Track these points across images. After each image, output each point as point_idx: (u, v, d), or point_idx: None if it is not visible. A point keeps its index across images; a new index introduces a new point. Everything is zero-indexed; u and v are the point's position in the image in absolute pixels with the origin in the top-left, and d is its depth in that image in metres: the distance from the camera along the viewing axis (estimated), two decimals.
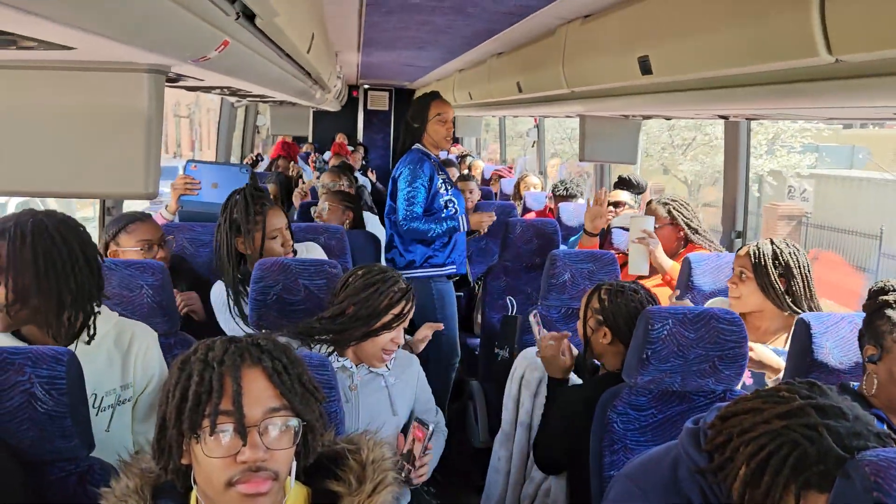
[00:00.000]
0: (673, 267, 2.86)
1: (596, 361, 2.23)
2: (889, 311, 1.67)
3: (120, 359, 1.68)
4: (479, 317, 3.79)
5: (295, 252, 2.56)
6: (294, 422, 1.13)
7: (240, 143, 6.26)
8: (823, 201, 14.02)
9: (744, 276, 2.25)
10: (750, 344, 2.10)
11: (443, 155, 7.63)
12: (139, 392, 1.71)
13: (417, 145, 3.46)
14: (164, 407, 1.13)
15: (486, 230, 3.59)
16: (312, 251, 2.68)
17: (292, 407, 1.13)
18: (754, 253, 2.22)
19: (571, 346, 2.23)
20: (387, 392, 1.95)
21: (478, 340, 3.77)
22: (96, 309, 1.63)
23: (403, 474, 1.79)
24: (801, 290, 2.20)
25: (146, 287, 2.03)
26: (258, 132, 6.71)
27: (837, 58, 1.30)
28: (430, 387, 3.39)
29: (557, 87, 3.12)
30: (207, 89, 2.40)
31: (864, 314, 1.77)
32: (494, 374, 3.29)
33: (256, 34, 1.40)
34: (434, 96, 3.50)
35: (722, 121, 2.73)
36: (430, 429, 1.77)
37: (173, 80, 1.64)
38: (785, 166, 14.43)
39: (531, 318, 2.46)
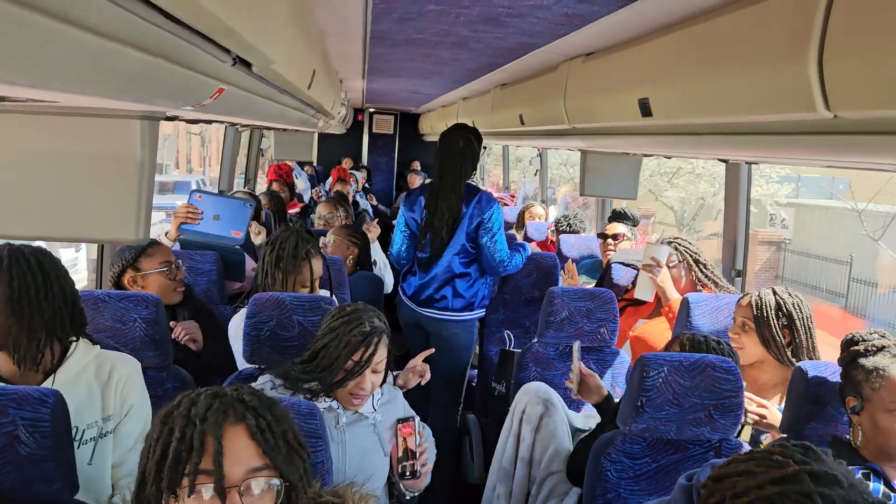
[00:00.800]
0: (676, 300, 2.82)
1: None
2: (862, 360, 1.69)
3: (100, 391, 1.68)
4: (477, 348, 3.77)
5: None
6: (276, 481, 1.10)
7: (244, 166, 6.27)
8: (802, 229, 14.81)
9: (746, 326, 2.20)
10: (763, 402, 2.06)
11: None
12: (119, 422, 1.70)
13: (472, 182, 3.39)
14: (145, 461, 1.11)
15: None
16: None
17: (275, 466, 1.11)
18: (756, 303, 2.18)
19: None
20: (374, 430, 1.92)
21: (475, 372, 3.74)
22: (72, 339, 1.63)
23: (408, 473, 1.76)
24: (804, 342, 2.15)
25: (139, 320, 2.02)
26: (263, 154, 6.72)
27: (835, 114, 1.29)
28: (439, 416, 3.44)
29: (559, 123, 3.12)
30: (208, 122, 2.40)
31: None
32: (491, 408, 3.27)
33: (254, 78, 1.40)
34: None
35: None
36: (417, 420, 1.74)
37: (170, 118, 1.64)
38: (763, 195, 14.97)
39: (574, 348, 2.37)
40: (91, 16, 0.74)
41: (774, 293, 2.19)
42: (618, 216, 3.94)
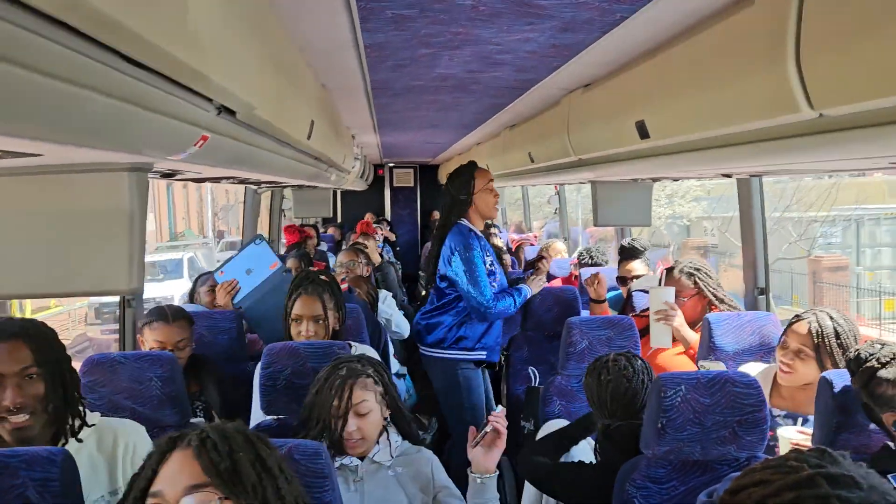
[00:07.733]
0: (696, 341, 2.75)
1: None
2: (883, 374, 1.68)
3: (105, 463, 1.61)
4: (504, 388, 3.71)
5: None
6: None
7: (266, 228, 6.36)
8: (723, 235, 18.12)
9: (802, 354, 2.14)
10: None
11: None
12: None
13: (463, 220, 3.30)
14: None
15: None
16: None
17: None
18: (817, 332, 2.11)
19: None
20: (395, 480, 1.88)
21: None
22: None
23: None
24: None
25: (156, 379, 2.04)
26: (284, 216, 6.81)
27: (820, 112, 1.29)
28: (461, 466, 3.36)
29: (565, 156, 3.14)
30: (215, 180, 2.46)
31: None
32: (521, 446, 3.20)
33: (241, 126, 1.44)
34: (475, 166, 3.39)
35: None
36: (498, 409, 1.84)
37: (169, 174, 1.69)
38: (680, 213, 19.93)
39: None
40: (63, 66, 0.77)
41: (832, 319, 2.12)
42: (629, 254, 3.84)
